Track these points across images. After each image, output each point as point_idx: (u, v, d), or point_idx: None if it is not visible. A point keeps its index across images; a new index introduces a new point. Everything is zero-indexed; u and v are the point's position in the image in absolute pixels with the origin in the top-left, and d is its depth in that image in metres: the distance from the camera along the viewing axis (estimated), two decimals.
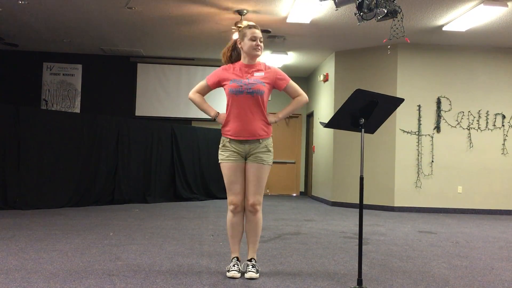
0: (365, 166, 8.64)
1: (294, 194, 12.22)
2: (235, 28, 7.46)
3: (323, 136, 10.12)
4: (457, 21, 7.28)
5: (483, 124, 8.75)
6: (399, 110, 8.19)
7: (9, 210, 6.63)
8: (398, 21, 5.46)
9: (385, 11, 5.07)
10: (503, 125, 8.76)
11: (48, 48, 10.26)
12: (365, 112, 3.12)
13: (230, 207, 3.35)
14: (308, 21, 7.53)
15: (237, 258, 3.34)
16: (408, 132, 8.68)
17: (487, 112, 8.76)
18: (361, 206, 3.13)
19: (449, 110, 8.73)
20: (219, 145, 3.37)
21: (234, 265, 3.28)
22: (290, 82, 3.40)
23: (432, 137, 8.69)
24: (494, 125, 8.76)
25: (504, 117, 8.76)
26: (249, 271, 3.24)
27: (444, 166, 8.65)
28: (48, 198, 7.18)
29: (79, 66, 10.66)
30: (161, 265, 3.56)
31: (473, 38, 8.27)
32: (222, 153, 3.34)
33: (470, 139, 8.72)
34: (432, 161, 8.65)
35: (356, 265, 3.56)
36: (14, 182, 6.86)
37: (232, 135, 3.29)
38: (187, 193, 9.40)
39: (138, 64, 10.81)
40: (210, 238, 4.87)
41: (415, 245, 4.85)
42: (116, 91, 10.77)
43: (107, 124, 8.18)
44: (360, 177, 3.14)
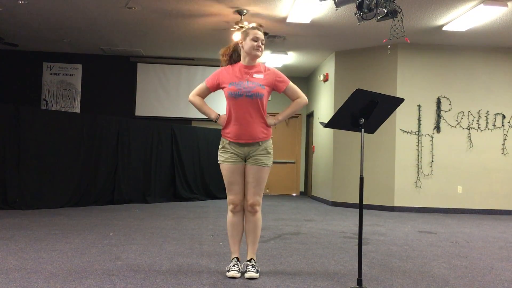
0: (365, 166, 8.64)
1: (294, 194, 12.22)
2: (236, 28, 7.49)
3: (323, 136, 10.11)
4: (457, 21, 7.27)
5: (483, 124, 8.75)
6: (399, 110, 8.19)
7: (9, 210, 6.63)
8: (398, 21, 5.46)
9: (385, 11, 5.08)
10: (503, 125, 8.75)
11: (48, 48, 10.26)
12: (365, 112, 3.12)
13: (230, 207, 3.36)
14: (308, 21, 7.53)
15: (237, 258, 3.34)
16: (408, 132, 8.68)
17: (487, 112, 8.76)
18: (361, 206, 3.13)
19: (449, 110, 8.73)
20: (219, 146, 3.38)
21: (234, 265, 3.28)
22: (290, 84, 3.40)
23: (432, 137, 8.69)
24: (494, 125, 8.75)
25: (504, 117, 8.76)
26: (249, 271, 3.24)
27: (444, 166, 8.65)
28: (48, 198, 7.18)
29: (79, 66, 10.66)
30: (161, 265, 3.56)
31: (473, 38, 8.27)
32: (222, 155, 3.35)
33: (470, 139, 8.72)
34: (432, 161, 8.65)
35: (356, 265, 3.56)
36: (14, 182, 6.86)
37: (232, 138, 3.29)
38: (187, 193, 9.40)
39: (138, 64, 10.81)
40: (210, 238, 4.87)
41: (415, 245, 4.85)
42: (116, 91, 10.77)
43: (107, 124, 8.18)
44: (360, 177, 3.14)
